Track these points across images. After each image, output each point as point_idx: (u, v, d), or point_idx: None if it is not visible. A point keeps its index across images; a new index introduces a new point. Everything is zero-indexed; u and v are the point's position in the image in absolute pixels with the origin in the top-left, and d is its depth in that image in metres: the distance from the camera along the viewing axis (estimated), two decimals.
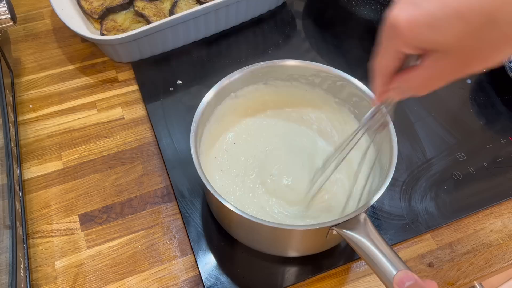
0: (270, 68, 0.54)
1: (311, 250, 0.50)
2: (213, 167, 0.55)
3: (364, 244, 0.40)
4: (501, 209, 0.57)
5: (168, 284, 0.50)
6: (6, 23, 0.60)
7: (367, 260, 0.40)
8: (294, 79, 0.56)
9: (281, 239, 0.48)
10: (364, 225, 0.41)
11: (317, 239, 0.47)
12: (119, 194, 0.57)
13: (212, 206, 0.52)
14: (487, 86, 0.69)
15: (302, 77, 0.55)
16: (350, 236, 0.41)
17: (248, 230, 0.48)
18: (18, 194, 0.54)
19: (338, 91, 0.55)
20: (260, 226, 0.42)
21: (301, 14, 0.80)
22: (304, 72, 0.54)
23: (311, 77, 0.55)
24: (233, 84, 0.53)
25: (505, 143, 0.62)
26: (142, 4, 0.70)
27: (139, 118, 0.65)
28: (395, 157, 0.46)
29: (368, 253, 0.39)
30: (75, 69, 0.70)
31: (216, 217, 0.53)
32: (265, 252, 0.50)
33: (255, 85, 0.55)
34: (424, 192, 0.57)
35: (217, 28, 0.74)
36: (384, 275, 0.38)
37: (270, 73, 0.55)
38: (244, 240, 0.51)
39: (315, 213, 0.52)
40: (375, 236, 0.40)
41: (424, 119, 0.65)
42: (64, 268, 0.51)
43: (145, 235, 0.54)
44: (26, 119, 0.64)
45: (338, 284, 0.51)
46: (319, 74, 0.54)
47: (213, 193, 0.43)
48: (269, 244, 0.49)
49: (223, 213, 0.49)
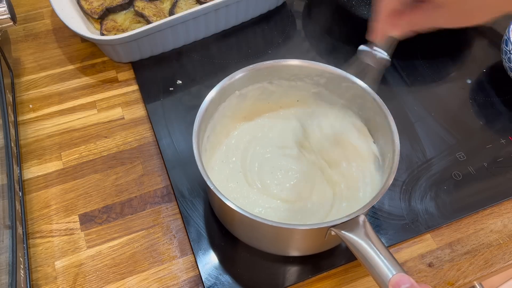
0: (274, 68, 0.54)
1: (311, 249, 0.50)
2: (214, 164, 0.55)
3: (362, 246, 0.40)
4: (501, 209, 0.57)
5: (168, 284, 0.50)
6: (6, 23, 0.60)
7: (364, 262, 0.40)
8: (299, 79, 0.55)
9: (281, 238, 0.48)
10: (363, 227, 0.41)
11: (317, 239, 0.47)
12: (119, 194, 0.57)
13: (214, 204, 0.52)
14: (487, 86, 0.69)
15: (307, 77, 0.55)
16: (348, 237, 0.41)
17: (249, 229, 0.48)
18: (18, 194, 0.54)
19: (343, 92, 0.54)
20: (260, 225, 0.42)
21: (301, 14, 0.80)
22: (309, 72, 0.54)
23: (316, 77, 0.55)
24: (237, 82, 0.53)
25: (505, 143, 0.62)
26: (142, 4, 0.70)
27: (139, 118, 0.65)
28: (397, 157, 0.46)
29: (365, 255, 0.39)
30: (75, 69, 0.70)
31: (217, 214, 0.53)
32: (265, 250, 0.50)
33: (259, 84, 0.55)
34: (424, 192, 0.57)
35: (217, 28, 0.74)
36: (380, 278, 0.38)
37: (274, 72, 0.54)
38: (244, 238, 0.51)
39: (313, 213, 0.52)
40: (373, 238, 0.40)
41: (424, 119, 0.65)
42: (64, 268, 0.51)
43: (145, 235, 0.54)
44: (26, 119, 0.64)
45: (338, 284, 0.51)
46: (323, 74, 0.54)
47: (215, 191, 0.43)
48: (269, 243, 0.49)
49: (224, 211, 0.49)
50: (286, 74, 0.55)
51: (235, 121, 0.57)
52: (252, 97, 0.56)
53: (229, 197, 0.43)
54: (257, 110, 0.58)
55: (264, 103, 0.58)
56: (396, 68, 0.71)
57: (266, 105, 0.58)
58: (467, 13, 0.34)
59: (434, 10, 0.36)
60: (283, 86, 0.56)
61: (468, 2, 0.33)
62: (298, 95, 0.57)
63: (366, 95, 0.51)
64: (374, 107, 0.51)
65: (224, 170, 0.54)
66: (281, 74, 0.55)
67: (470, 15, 0.34)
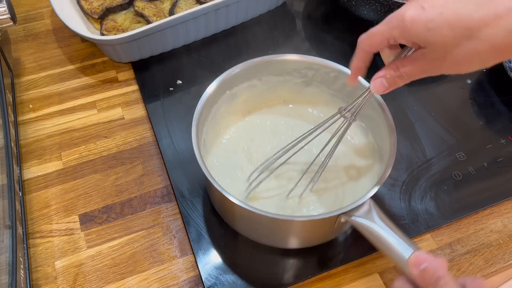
0: (264, 64, 0.54)
1: (318, 240, 0.50)
2: (214, 158, 0.55)
3: (374, 229, 0.41)
4: (501, 209, 0.57)
5: (168, 284, 0.50)
6: (6, 23, 0.60)
7: (379, 244, 0.40)
8: (287, 73, 0.56)
9: (288, 231, 0.48)
10: (371, 210, 0.42)
11: (324, 229, 0.48)
12: (119, 194, 0.57)
13: (216, 200, 0.52)
14: (487, 86, 0.69)
15: (295, 71, 0.56)
16: (359, 222, 0.42)
17: (251, 224, 0.49)
18: (18, 194, 0.54)
19: (331, 82, 0.56)
20: (270, 220, 0.43)
21: (301, 14, 0.80)
22: (297, 66, 0.55)
23: (304, 70, 0.55)
24: (227, 82, 0.53)
25: (505, 143, 0.62)
26: (142, 4, 0.70)
27: (139, 118, 0.65)
28: (394, 138, 0.47)
29: (380, 237, 0.40)
30: (75, 69, 0.70)
31: (218, 210, 0.53)
32: (269, 244, 0.50)
33: (249, 82, 0.56)
34: (424, 192, 0.57)
35: (217, 28, 0.74)
36: (398, 258, 0.38)
37: (263, 69, 0.55)
38: (246, 232, 0.51)
39: (311, 205, 0.52)
40: (384, 220, 0.41)
41: (424, 119, 0.65)
42: (64, 268, 0.51)
43: (145, 235, 0.54)
44: (26, 119, 0.64)
45: (338, 284, 0.51)
46: (312, 66, 0.55)
47: (216, 186, 0.43)
48: (275, 236, 0.49)
49: (225, 206, 0.49)
50: (275, 69, 0.55)
51: (228, 120, 0.58)
52: (242, 96, 0.57)
53: (229, 191, 0.44)
54: (248, 107, 0.59)
55: (255, 100, 0.58)
56: None
57: (258, 102, 0.59)
58: (458, 58, 0.35)
59: (425, 57, 0.37)
60: (272, 82, 0.57)
61: (461, 46, 0.34)
62: (288, 89, 0.58)
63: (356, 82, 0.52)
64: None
65: (223, 165, 0.55)
66: (269, 70, 0.55)
67: (460, 61, 0.35)
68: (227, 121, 0.58)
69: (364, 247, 0.52)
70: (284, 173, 0.55)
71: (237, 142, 0.57)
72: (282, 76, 0.56)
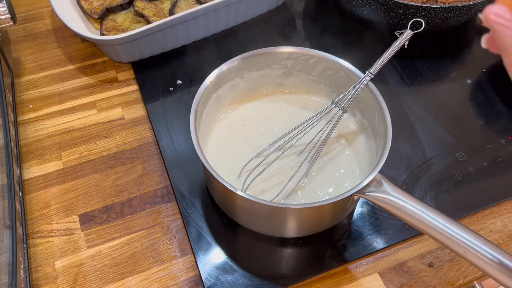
0: (244, 61, 0.55)
1: (329, 223, 0.51)
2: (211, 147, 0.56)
3: (391, 200, 0.43)
4: (501, 209, 0.57)
5: (168, 284, 0.50)
6: (6, 23, 0.60)
7: (398, 213, 0.42)
8: (267, 66, 0.57)
9: (301, 218, 0.49)
10: (382, 184, 0.44)
11: (335, 210, 0.49)
12: (119, 194, 0.57)
13: (218, 192, 0.52)
14: (487, 86, 0.69)
15: (274, 63, 0.57)
16: (374, 197, 0.44)
17: (253, 213, 0.49)
18: (18, 194, 0.54)
19: (311, 68, 0.57)
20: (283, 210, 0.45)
21: (301, 14, 0.80)
22: (275, 58, 0.56)
23: (283, 61, 0.56)
24: (211, 85, 0.53)
25: (505, 143, 0.62)
26: (142, 4, 0.70)
27: (139, 118, 0.65)
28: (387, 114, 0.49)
29: (397, 206, 0.42)
30: (75, 69, 0.70)
31: (218, 203, 0.53)
32: (274, 235, 0.51)
33: (232, 82, 0.56)
34: (424, 192, 0.57)
35: (217, 28, 0.74)
36: (420, 221, 0.41)
37: (244, 66, 0.56)
38: (246, 222, 0.51)
39: (308, 193, 0.52)
40: (397, 191, 0.43)
41: (424, 119, 0.65)
42: (64, 268, 0.51)
43: (145, 235, 0.54)
44: (26, 119, 0.64)
45: (338, 284, 0.51)
46: (291, 56, 0.56)
47: (218, 178, 0.43)
48: (285, 225, 0.50)
49: (226, 197, 0.50)
50: (255, 65, 0.56)
51: (226, 107, 0.59)
52: (228, 96, 0.57)
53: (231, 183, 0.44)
54: (236, 105, 0.59)
55: (241, 98, 0.59)
56: (396, 68, 0.71)
57: (245, 100, 0.60)
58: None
59: None
60: (253, 78, 0.58)
61: None
62: (270, 82, 0.59)
63: (336, 65, 0.54)
64: (346, 73, 0.53)
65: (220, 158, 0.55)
66: (250, 67, 0.56)
67: None
68: (218, 117, 0.58)
69: (364, 247, 0.52)
70: (282, 163, 0.55)
71: (230, 131, 0.58)
72: (263, 70, 0.57)
